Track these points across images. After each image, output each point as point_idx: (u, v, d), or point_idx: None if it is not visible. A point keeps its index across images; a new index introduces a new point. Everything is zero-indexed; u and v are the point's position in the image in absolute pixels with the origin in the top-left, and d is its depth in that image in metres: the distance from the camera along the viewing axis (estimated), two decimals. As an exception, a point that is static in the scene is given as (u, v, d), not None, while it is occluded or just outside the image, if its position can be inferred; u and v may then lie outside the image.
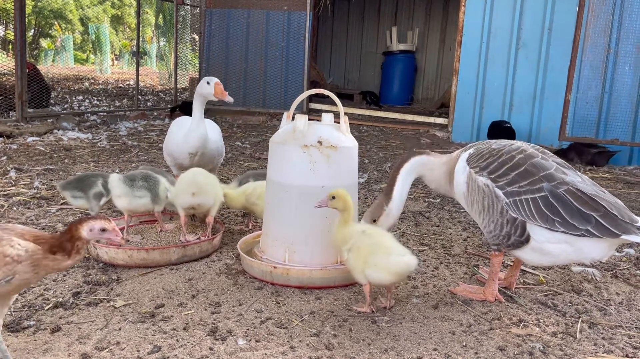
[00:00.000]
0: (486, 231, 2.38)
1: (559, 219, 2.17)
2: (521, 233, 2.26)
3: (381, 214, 2.56)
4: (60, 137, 6.49)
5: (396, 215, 2.58)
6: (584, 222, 2.13)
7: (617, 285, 2.75)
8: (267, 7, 9.76)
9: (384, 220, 2.56)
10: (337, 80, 15.14)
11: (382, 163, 5.90)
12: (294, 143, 2.56)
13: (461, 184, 2.43)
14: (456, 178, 2.46)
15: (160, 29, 19.34)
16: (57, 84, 14.62)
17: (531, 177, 2.24)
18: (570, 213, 2.16)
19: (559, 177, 2.23)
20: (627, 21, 6.53)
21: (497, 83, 7.45)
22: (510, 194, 2.26)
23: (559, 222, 2.17)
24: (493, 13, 7.36)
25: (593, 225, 2.12)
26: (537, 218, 2.20)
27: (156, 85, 17.31)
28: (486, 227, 2.36)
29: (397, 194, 2.55)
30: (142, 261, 2.66)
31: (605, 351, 2.07)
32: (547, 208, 2.19)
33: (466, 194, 2.42)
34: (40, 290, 2.37)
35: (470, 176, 2.39)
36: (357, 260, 2.26)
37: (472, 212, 2.45)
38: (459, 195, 2.49)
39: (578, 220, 2.14)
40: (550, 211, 2.18)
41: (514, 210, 2.25)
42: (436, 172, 2.57)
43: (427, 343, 2.06)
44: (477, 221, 2.43)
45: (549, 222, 2.18)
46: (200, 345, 1.96)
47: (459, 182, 2.45)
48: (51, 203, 3.73)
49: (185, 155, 3.43)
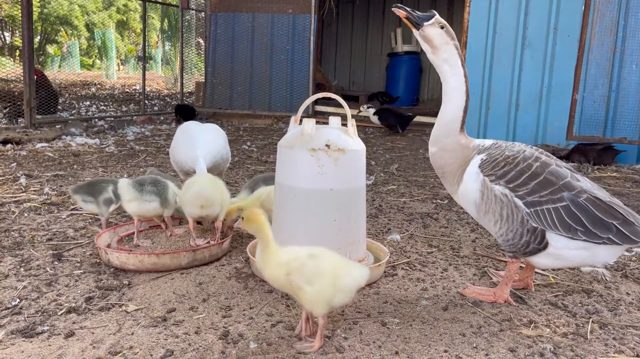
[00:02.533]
0: (502, 239, 2.36)
1: (582, 228, 2.18)
2: (540, 241, 2.27)
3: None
4: (69, 143, 6.54)
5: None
6: (606, 231, 2.16)
7: (627, 285, 2.75)
8: (271, 10, 9.80)
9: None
10: (342, 83, 15.17)
11: (389, 165, 5.90)
12: (301, 146, 2.58)
13: (473, 191, 2.37)
14: (467, 183, 2.39)
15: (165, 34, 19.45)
16: (64, 90, 14.73)
17: (551, 186, 2.23)
18: (592, 222, 2.18)
19: (577, 186, 2.24)
20: (633, 19, 6.50)
21: (502, 83, 7.44)
22: (532, 204, 2.24)
23: (582, 231, 2.18)
24: (498, 13, 7.35)
25: (614, 233, 2.16)
26: (560, 227, 2.20)
27: (162, 90, 17.39)
28: (503, 236, 2.34)
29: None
30: (152, 266, 2.68)
31: (616, 351, 2.07)
32: (569, 217, 2.19)
33: (479, 202, 2.36)
34: (53, 295, 2.39)
35: (485, 184, 2.33)
36: (324, 290, 1.93)
37: (483, 220, 2.40)
38: (467, 200, 2.42)
39: (600, 229, 2.17)
40: (572, 221, 2.19)
41: (535, 220, 2.24)
42: (451, 147, 2.43)
43: (438, 344, 2.07)
44: (491, 229, 2.38)
45: (572, 231, 2.20)
46: (212, 349, 1.98)
47: (470, 189, 2.38)
48: (62, 208, 3.76)
49: (188, 168, 3.44)
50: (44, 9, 25.34)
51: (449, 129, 2.43)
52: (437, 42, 2.36)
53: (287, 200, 2.64)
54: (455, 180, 2.46)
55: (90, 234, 3.25)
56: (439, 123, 2.46)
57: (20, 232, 3.23)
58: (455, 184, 2.46)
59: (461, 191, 2.43)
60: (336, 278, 1.95)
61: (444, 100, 2.43)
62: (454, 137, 2.44)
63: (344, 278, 1.96)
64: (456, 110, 2.41)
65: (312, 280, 1.93)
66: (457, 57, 2.37)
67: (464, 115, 2.43)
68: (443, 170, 2.49)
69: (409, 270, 2.86)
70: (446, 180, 2.51)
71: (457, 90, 2.39)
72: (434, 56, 2.39)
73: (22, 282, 2.52)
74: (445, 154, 2.45)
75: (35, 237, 3.15)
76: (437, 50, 2.38)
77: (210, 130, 3.67)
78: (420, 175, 5.42)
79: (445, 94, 2.42)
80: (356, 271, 2.02)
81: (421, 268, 2.88)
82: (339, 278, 1.96)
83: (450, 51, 2.36)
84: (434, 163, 2.51)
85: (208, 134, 3.59)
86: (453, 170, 2.45)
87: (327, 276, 1.94)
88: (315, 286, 1.93)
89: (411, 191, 4.70)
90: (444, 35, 2.35)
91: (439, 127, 2.46)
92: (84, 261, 2.81)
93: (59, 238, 3.16)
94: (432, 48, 2.39)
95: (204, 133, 3.58)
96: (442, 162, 2.47)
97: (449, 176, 2.48)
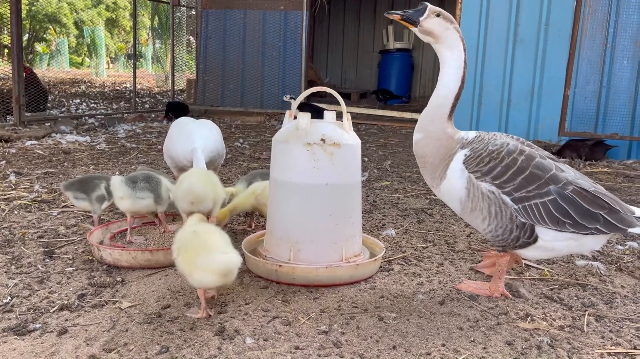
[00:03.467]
0: (491, 235, 2.34)
1: (570, 221, 2.19)
2: (530, 235, 2.27)
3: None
4: (59, 141, 6.47)
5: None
6: (593, 221, 2.18)
7: (621, 278, 2.75)
8: (263, 7, 9.75)
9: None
10: (334, 80, 15.15)
11: (382, 161, 5.90)
12: (297, 141, 2.56)
13: (459, 189, 2.33)
14: (451, 180, 2.34)
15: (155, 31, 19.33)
16: (53, 88, 14.60)
17: (538, 181, 2.22)
18: (580, 214, 2.18)
19: (562, 177, 2.23)
20: (624, 15, 6.54)
21: (494, 79, 7.45)
22: (519, 200, 2.23)
23: (570, 224, 2.19)
24: (490, 9, 7.36)
25: (601, 223, 2.18)
26: (548, 221, 2.20)
27: (153, 87, 17.28)
28: (492, 232, 2.32)
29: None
30: (146, 262, 2.65)
31: (613, 343, 2.07)
32: (557, 211, 2.19)
33: (465, 199, 2.32)
34: (45, 293, 2.36)
35: (471, 181, 2.29)
36: (185, 263, 2.12)
37: (470, 217, 2.36)
38: (452, 197, 2.37)
39: (588, 220, 2.18)
40: (561, 215, 2.19)
41: (524, 215, 2.24)
42: (436, 135, 2.39)
43: (435, 338, 2.06)
44: (478, 226, 2.35)
45: (560, 225, 2.20)
46: (208, 345, 1.96)
47: (455, 186, 2.34)
48: (52, 206, 3.71)
49: (186, 163, 3.43)
50: (32, 7, 25.08)
51: (437, 114, 2.39)
52: (438, 32, 2.34)
53: (283, 195, 2.62)
54: (437, 174, 2.39)
55: (82, 231, 3.21)
56: (428, 107, 2.42)
57: (11, 230, 3.18)
58: (437, 178, 2.40)
59: (445, 187, 2.38)
60: (196, 255, 2.09)
61: (438, 84, 2.40)
62: (440, 124, 2.39)
63: (203, 258, 2.07)
64: (448, 94, 2.36)
65: (179, 252, 2.16)
66: (459, 40, 2.34)
67: (455, 103, 2.38)
68: (425, 160, 2.42)
69: (404, 264, 2.85)
70: (426, 171, 2.44)
71: (453, 74, 2.36)
72: (438, 45, 2.37)
73: (13, 280, 2.48)
74: (430, 142, 2.39)
75: (26, 235, 3.10)
76: (439, 39, 2.36)
77: (206, 125, 3.66)
78: (414, 171, 5.41)
79: (441, 79, 2.39)
80: (221, 256, 2.07)
81: (417, 263, 2.87)
82: (198, 256, 2.08)
83: (452, 36, 2.34)
84: (417, 151, 2.45)
85: (204, 129, 3.57)
86: (435, 161, 2.39)
87: (189, 252, 2.12)
88: (179, 258, 2.15)
89: (405, 187, 4.70)
90: (442, 22, 2.33)
91: (427, 110, 2.42)
92: (76, 259, 2.77)
93: (50, 235, 3.12)
94: (434, 38, 2.37)
95: (200, 128, 3.56)
96: (425, 150, 2.41)
97: (430, 167, 2.41)
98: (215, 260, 2.06)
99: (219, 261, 2.06)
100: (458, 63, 2.35)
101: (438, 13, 2.34)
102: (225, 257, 2.07)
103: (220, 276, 2.07)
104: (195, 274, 2.08)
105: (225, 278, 2.09)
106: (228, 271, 2.08)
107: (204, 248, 2.11)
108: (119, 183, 2.85)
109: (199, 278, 2.08)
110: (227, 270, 2.07)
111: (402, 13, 2.38)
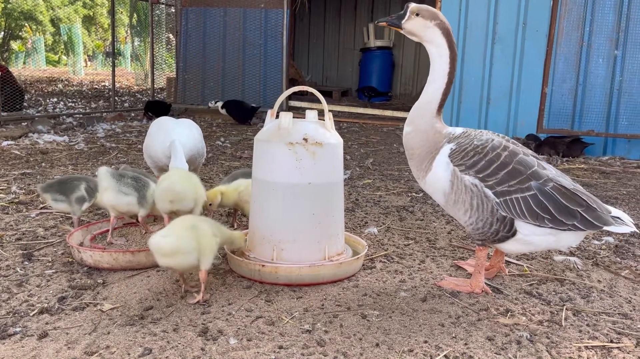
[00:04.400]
0: (472, 228, 2.39)
1: (549, 216, 2.24)
2: (509, 229, 2.31)
3: None
4: (36, 141, 6.36)
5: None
6: (571, 218, 2.23)
7: (598, 273, 2.81)
8: (244, 5, 9.71)
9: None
10: (316, 78, 15.15)
11: (364, 160, 5.92)
12: (279, 140, 2.56)
13: (443, 181, 2.38)
14: (436, 172, 2.40)
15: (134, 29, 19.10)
16: (30, 87, 14.34)
17: (520, 176, 2.27)
18: (558, 210, 2.23)
19: (544, 174, 2.29)
20: (599, 14, 6.66)
21: (474, 78, 7.53)
22: (501, 194, 2.28)
23: (548, 219, 2.24)
24: (469, 8, 7.43)
25: (578, 220, 2.23)
26: (528, 216, 2.25)
27: (132, 86, 17.08)
28: (473, 224, 2.37)
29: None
30: (127, 264, 2.63)
31: (590, 337, 2.12)
32: (537, 206, 2.24)
33: (448, 192, 2.37)
34: (24, 296, 2.32)
35: (455, 174, 2.34)
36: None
37: (452, 209, 2.42)
38: (436, 189, 2.43)
39: (565, 216, 2.23)
40: (540, 210, 2.24)
41: (505, 209, 2.28)
42: (424, 128, 2.44)
43: (418, 335, 2.08)
44: (460, 218, 2.41)
45: (539, 219, 2.25)
46: (192, 346, 1.95)
47: (439, 178, 2.39)
48: (30, 207, 3.66)
49: (166, 160, 3.41)
50: (7, 4, 24.56)
51: (426, 110, 2.44)
52: (419, 32, 2.38)
53: (265, 194, 2.62)
54: (423, 166, 2.45)
55: (62, 233, 3.17)
56: (418, 103, 2.48)
57: (-12, 232, 3.12)
58: (423, 170, 2.46)
59: (430, 179, 2.43)
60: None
61: (428, 80, 2.45)
62: (429, 119, 2.44)
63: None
64: (436, 91, 2.41)
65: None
66: (441, 37, 2.37)
67: (443, 99, 2.43)
68: (413, 152, 2.49)
69: (387, 262, 2.87)
70: (413, 163, 2.50)
71: (440, 71, 2.40)
72: (424, 43, 2.42)
73: (-9, 283, 2.44)
74: (418, 135, 2.45)
75: (4, 237, 3.05)
76: (422, 38, 2.40)
77: (186, 124, 3.64)
78: (395, 169, 5.45)
79: (429, 75, 2.44)
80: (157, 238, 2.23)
81: (399, 261, 2.90)
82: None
83: (433, 33, 2.37)
84: (407, 143, 2.51)
85: (184, 128, 3.55)
86: (422, 153, 2.45)
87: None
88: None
89: (387, 185, 4.73)
90: (421, 21, 2.37)
91: (417, 106, 2.48)
92: (56, 261, 2.74)
93: (28, 237, 3.08)
94: (418, 38, 2.41)
95: (180, 127, 3.54)
96: (414, 142, 2.47)
97: (417, 159, 2.47)
98: (154, 241, 2.24)
99: (157, 243, 2.24)
100: (444, 60, 2.38)
101: (417, 12, 2.36)
102: (164, 240, 2.24)
103: (163, 257, 2.25)
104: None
105: (166, 259, 2.25)
106: (163, 252, 2.24)
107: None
108: (105, 174, 2.83)
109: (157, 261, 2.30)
110: (162, 251, 2.24)
111: (389, 19, 2.45)
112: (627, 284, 2.67)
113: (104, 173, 2.83)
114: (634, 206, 4.24)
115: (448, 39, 2.37)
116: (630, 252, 3.14)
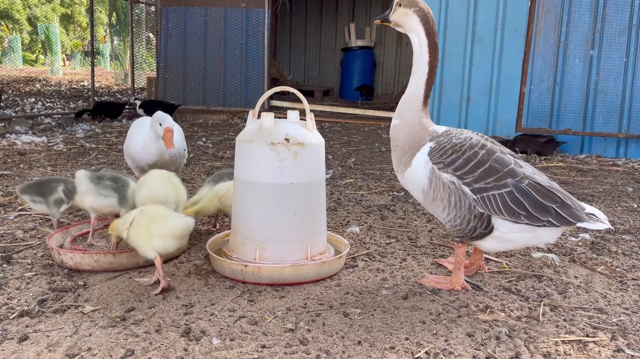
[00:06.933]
0: (450, 225, 2.43)
1: (524, 212, 2.28)
2: (486, 225, 2.36)
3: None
4: (14, 141, 6.26)
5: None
6: (546, 214, 2.27)
7: (575, 269, 2.88)
8: (224, 4, 9.66)
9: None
10: (297, 77, 15.15)
11: (346, 159, 5.95)
12: (261, 141, 2.57)
13: (421, 178, 2.42)
14: (415, 169, 2.43)
15: (113, 28, 18.88)
16: (6, 86, 14.09)
17: (496, 174, 2.32)
18: (534, 207, 2.28)
19: (520, 172, 2.33)
20: (576, 15, 6.78)
21: (454, 77, 7.61)
22: (478, 191, 2.32)
23: (524, 215, 2.29)
24: (448, 8, 7.51)
25: (553, 216, 2.28)
26: (505, 212, 2.30)
27: (112, 86, 16.89)
28: (451, 221, 2.41)
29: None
30: (109, 266, 2.61)
31: (567, 332, 2.17)
32: (513, 202, 2.29)
33: (427, 189, 2.41)
34: (3, 299, 2.30)
35: (433, 172, 2.38)
36: (140, 234, 2.44)
37: (431, 206, 2.46)
38: (415, 186, 2.46)
39: (541, 212, 2.28)
40: (516, 206, 2.29)
41: (482, 206, 2.33)
42: (411, 122, 2.47)
43: (399, 333, 2.11)
44: (439, 215, 2.45)
45: (515, 216, 2.29)
46: (175, 347, 1.95)
47: (418, 176, 2.43)
48: (9, 209, 3.61)
49: (145, 162, 3.40)
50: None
51: (413, 102, 2.47)
52: (400, 20, 2.44)
53: (247, 195, 2.63)
54: (403, 160, 2.49)
55: (41, 235, 3.13)
56: (404, 96, 2.51)
57: (-35, 235, 3.08)
58: (403, 164, 2.50)
59: (408, 176, 2.47)
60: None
61: (412, 72, 2.48)
62: (415, 112, 2.48)
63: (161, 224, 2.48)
64: (418, 82, 2.45)
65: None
66: (419, 24, 2.39)
67: (427, 89, 2.45)
68: (397, 144, 2.52)
69: (368, 261, 2.90)
70: (395, 155, 2.55)
71: (420, 61, 2.43)
72: (407, 33, 2.46)
73: (-31, 287, 2.40)
74: (405, 128, 2.49)
75: (-18, 240, 3.01)
76: (404, 27, 2.45)
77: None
78: (377, 169, 5.49)
79: (413, 66, 2.47)
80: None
81: (380, 259, 2.93)
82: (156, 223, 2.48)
83: (412, 20, 2.41)
84: (393, 135, 2.54)
85: None
86: (405, 147, 2.48)
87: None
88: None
89: (368, 184, 4.76)
90: (402, 10, 2.41)
91: (403, 99, 2.51)
92: (35, 263, 2.71)
93: (7, 239, 3.03)
94: (402, 28, 2.46)
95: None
96: (399, 135, 2.50)
97: (399, 152, 2.51)
98: (175, 224, 2.49)
99: (178, 224, 2.49)
100: (424, 49, 2.42)
101: (400, 2, 2.41)
102: (183, 220, 2.50)
103: (180, 239, 2.51)
104: (155, 241, 2.46)
105: (182, 240, 2.54)
106: (187, 232, 2.53)
107: (158, 217, 2.52)
108: (83, 177, 2.81)
109: (160, 244, 2.46)
110: (187, 231, 2.52)
111: (381, 16, 2.52)
112: (603, 279, 2.74)
113: (82, 176, 2.81)
114: (609, 203, 4.33)
115: (426, 26, 2.39)
116: (606, 248, 3.21)
